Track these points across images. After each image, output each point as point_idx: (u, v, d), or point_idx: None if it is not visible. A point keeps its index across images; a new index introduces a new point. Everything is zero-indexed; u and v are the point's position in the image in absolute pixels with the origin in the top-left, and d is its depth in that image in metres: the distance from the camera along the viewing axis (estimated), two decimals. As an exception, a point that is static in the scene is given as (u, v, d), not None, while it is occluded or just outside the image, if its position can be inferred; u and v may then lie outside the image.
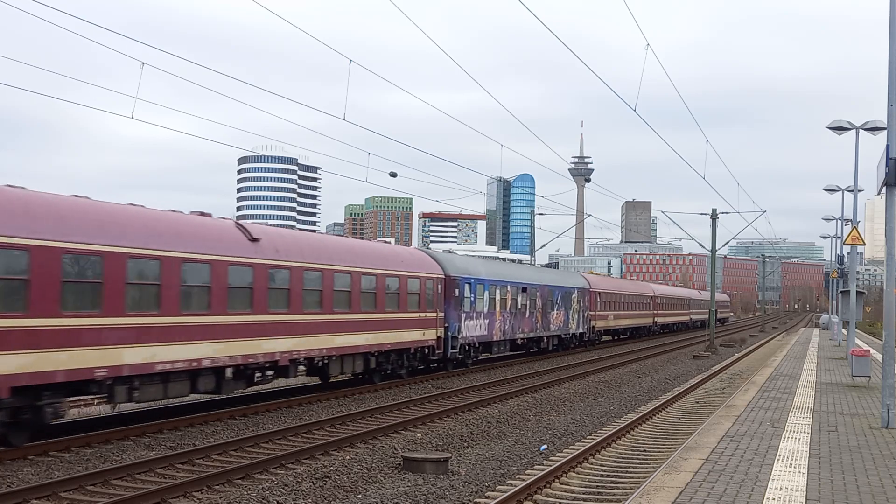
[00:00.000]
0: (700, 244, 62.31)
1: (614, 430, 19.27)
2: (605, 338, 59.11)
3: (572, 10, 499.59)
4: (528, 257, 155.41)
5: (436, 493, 13.42)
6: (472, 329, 33.76)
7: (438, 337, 31.00)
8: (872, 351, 31.54)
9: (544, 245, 75.10)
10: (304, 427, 19.11)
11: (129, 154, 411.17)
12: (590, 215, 73.57)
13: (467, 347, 33.64)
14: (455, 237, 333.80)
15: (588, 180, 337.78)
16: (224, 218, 22.10)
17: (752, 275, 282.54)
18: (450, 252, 43.82)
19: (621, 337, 64.10)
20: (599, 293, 53.19)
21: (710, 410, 21.96)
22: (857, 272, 36.66)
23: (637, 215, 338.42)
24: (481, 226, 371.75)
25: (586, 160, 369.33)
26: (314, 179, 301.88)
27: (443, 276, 31.54)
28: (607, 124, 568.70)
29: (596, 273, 75.06)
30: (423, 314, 29.72)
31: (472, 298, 33.89)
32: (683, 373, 37.26)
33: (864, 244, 27.52)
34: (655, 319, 71.06)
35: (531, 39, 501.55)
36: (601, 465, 16.08)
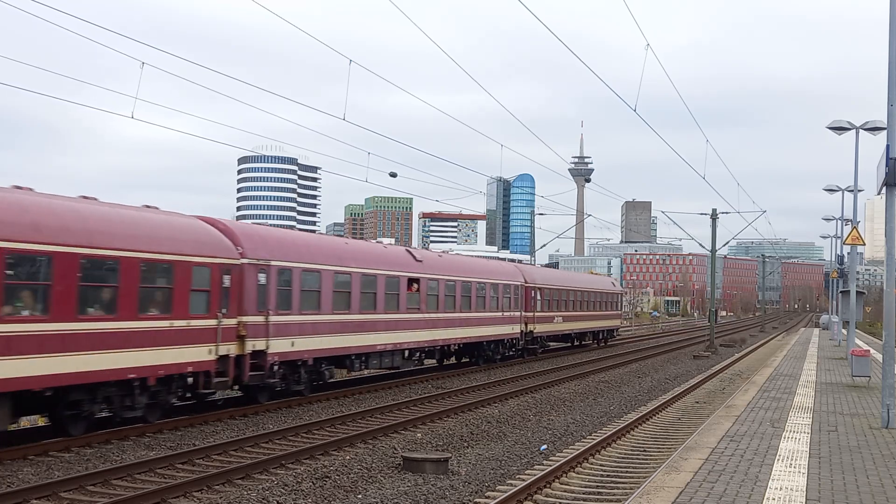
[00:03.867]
0: (700, 244, 62.38)
1: (614, 430, 19.28)
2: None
3: (572, 11, 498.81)
4: (527, 257, 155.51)
5: (436, 493, 13.43)
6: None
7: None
8: (872, 351, 31.52)
9: (544, 245, 75.29)
10: (304, 427, 19.12)
11: (130, 154, 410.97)
12: (590, 215, 73.78)
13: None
14: (455, 237, 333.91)
15: (588, 180, 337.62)
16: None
17: (752, 275, 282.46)
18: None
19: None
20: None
21: (710, 410, 21.97)
22: (857, 272, 36.65)
23: (637, 215, 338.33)
24: (481, 226, 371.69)
25: (586, 160, 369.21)
26: (314, 179, 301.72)
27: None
28: (607, 124, 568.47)
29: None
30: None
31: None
32: (683, 373, 37.29)
33: (864, 244, 27.52)
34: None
35: (531, 40, 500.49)
36: (601, 465, 16.09)
